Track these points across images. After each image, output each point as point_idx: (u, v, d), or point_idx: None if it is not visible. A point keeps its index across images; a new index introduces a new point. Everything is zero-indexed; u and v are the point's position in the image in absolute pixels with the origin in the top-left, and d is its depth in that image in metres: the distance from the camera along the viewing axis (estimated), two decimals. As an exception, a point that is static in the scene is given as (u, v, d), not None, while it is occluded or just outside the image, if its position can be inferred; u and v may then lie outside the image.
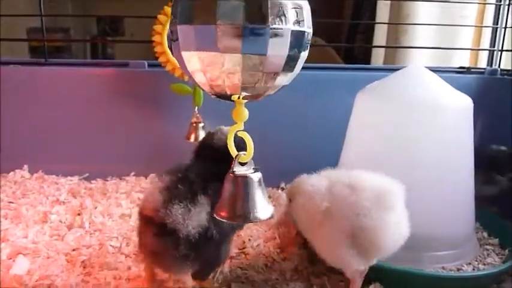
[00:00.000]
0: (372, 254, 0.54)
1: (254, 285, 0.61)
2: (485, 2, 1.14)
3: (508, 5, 0.97)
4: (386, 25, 1.44)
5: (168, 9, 0.84)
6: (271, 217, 0.41)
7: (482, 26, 1.15)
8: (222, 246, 0.55)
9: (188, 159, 0.61)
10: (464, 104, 0.66)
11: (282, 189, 0.99)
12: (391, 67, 1.01)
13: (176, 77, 0.88)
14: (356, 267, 0.55)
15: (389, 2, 1.41)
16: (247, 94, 0.39)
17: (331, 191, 0.55)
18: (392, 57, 1.35)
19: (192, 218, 0.49)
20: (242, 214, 0.40)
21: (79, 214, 0.79)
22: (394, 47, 1.34)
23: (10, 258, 0.63)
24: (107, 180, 0.97)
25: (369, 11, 1.76)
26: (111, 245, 0.68)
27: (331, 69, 1.07)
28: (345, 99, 0.78)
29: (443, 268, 0.65)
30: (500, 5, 1.00)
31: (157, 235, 0.49)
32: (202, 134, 0.89)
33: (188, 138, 0.90)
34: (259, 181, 0.41)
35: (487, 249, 0.72)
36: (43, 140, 0.97)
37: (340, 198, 0.54)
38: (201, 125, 0.89)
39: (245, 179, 0.41)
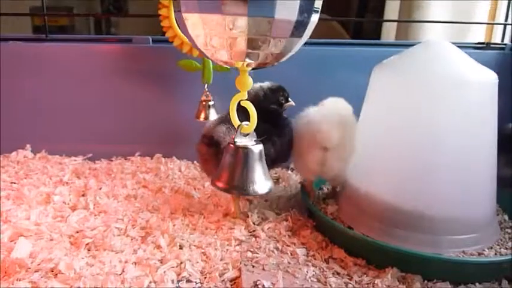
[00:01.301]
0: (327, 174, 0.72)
1: (265, 269, 0.58)
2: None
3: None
4: (398, 1, 1.38)
5: (173, -19, 0.79)
6: (270, 192, 0.40)
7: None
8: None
9: (197, 139, 0.72)
10: (489, 79, 0.62)
11: (292, 170, 0.96)
12: (404, 43, 0.97)
13: (184, 53, 0.84)
14: (312, 179, 0.74)
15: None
16: (252, 61, 0.36)
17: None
18: (405, 33, 1.29)
19: (230, 136, 0.62)
20: (240, 186, 0.38)
21: (83, 195, 0.77)
22: (405, 21, 1.29)
23: (12, 241, 0.61)
24: (112, 161, 0.95)
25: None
26: (116, 227, 0.66)
27: (342, 44, 1.02)
28: (357, 76, 0.75)
29: (463, 252, 0.61)
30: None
31: (208, 145, 0.69)
32: (212, 113, 0.86)
33: (198, 117, 0.87)
34: (260, 154, 0.39)
35: (508, 233, 0.68)
36: (46, 119, 0.95)
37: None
38: (211, 103, 0.86)
39: (246, 150, 0.39)
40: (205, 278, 0.57)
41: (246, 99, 0.62)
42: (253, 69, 0.37)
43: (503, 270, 0.59)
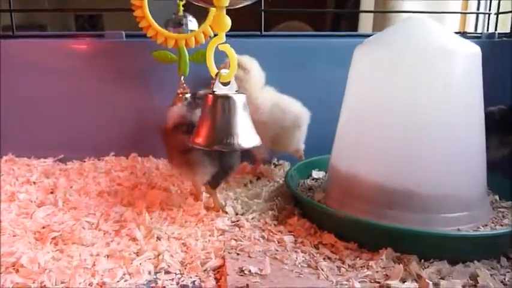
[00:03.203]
0: (281, 149, 0.82)
1: (251, 256, 0.54)
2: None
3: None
4: None
5: (145, -31, 0.77)
6: (258, 145, 0.36)
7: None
8: (234, 153, 0.64)
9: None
10: (473, 49, 0.61)
11: (275, 165, 0.92)
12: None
13: (158, 45, 0.81)
14: (265, 156, 0.84)
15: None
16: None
17: (270, 111, 0.77)
18: (382, 24, 1.30)
19: None
20: (222, 140, 0.34)
21: (52, 192, 0.71)
22: (380, 11, 1.30)
23: (-32, 238, 0.55)
24: (84, 162, 0.89)
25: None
26: (87, 221, 0.60)
27: (320, 36, 1.01)
28: (335, 66, 0.77)
29: (458, 230, 0.59)
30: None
31: (187, 132, 0.57)
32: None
33: (173, 108, 0.83)
34: (244, 104, 0.35)
35: (502, 212, 0.66)
36: (12, 119, 0.89)
37: (274, 116, 0.77)
38: (187, 95, 0.82)
39: (226, 99, 0.34)
40: (185, 268, 0.52)
41: None
42: (227, 8, 0.34)
43: (501, 246, 0.56)
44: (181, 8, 0.85)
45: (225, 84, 0.36)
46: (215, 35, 0.36)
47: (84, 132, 0.91)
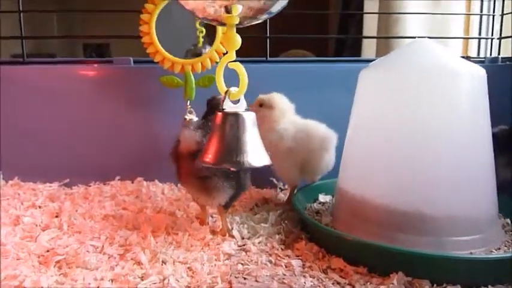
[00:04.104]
0: (311, 176, 0.81)
1: (258, 280, 0.53)
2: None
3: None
4: (375, 20, 1.42)
5: (155, -3, 0.79)
6: (266, 165, 0.35)
7: (478, 14, 1.13)
8: (248, 173, 0.65)
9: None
10: (478, 72, 0.61)
11: (281, 189, 0.91)
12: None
13: (165, 71, 0.82)
14: (297, 183, 0.81)
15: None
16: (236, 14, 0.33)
17: (295, 136, 0.76)
18: (385, 49, 1.32)
19: None
20: (232, 158, 0.33)
21: (57, 216, 0.71)
22: (383, 37, 1.32)
23: (-28, 261, 0.54)
24: (90, 186, 0.89)
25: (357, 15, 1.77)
26: (91, 245, 0.59)
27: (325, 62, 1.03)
28: (339, 91, 0.80)
29: (471, 254, 0.57)
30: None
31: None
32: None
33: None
34: (253, 122, 0.35)
35: (514, 235, 0.65)
36: (19, 144, 0.89)
37: (300, 141, 0.76)
38: (195, 119, 0.83)
39: (236, 116, 0.34)
40: (191, 292, 0.51)
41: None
42: (237, 25, 0.35)
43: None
44: (201, 40, 0.87)
45: (235, 102, 0.36)
46: (225, 54, 0.36)
47: (90, 157, 0.91)
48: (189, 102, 0.84)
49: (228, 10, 0.33)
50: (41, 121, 0.90)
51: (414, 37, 1.15)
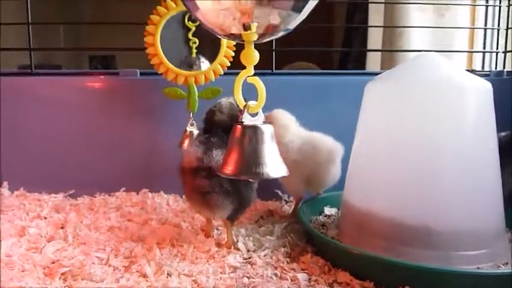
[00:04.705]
0: (317, 189, 0.81)
1: (264, 294, 0.52)
2: (484, 4, 1.13)
3: (508, 6, 0.96)
4: (380, 33, 1.43)
5: (161, 9, 0.80)
6: (285, 175, 0.36)
7: (483, 28, 1.14)
8: (251, 188, 0.66)
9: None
10: (485, 86, 0.61)
11: (286, 201, 0.91)
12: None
13: (169, 82, 0.83)
14: (302, 195, 0.81)
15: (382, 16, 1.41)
16: (255, 32, 0.34)
17: (300, 149, 0.76)
18: (390, 62, 1.33)
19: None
20: (251, 169, 0.34)
21: (62, 227, 0.71)
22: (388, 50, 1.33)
23: (-22, 272, 0.54)
24: (95, 197, 0.89)
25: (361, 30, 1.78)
26: (97, 257, 0.59)
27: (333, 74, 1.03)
28: (345, 103, 0.82)
29: (478, 269, 0.57)
30: (500, 6, 0.98)
31: (206, 177, 0.62)
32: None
33: (181, 145, 0.83)
34: (271, 134, 0.36)
35: (521, 249, 0.64)
36: (26, 155, 0.90)
37: (306, 154, 0.76)
38: (196, 131, 0.83)
39: (255, 129, 0.35)
40: (196, 306, 0.50)
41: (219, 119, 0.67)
42: (255, 41, 0.36)
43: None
44: (194, 50, 0.87)
45: (253, 115, 0.38)
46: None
47: (95, 168, 0.91)
48: (191, 114, 0.84)
49: (246, 27, 0.34)
50: (47, 132, 0.90)
51: (419, 50, 1.18)
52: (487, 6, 1.11)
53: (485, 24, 1.19)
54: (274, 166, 0.35)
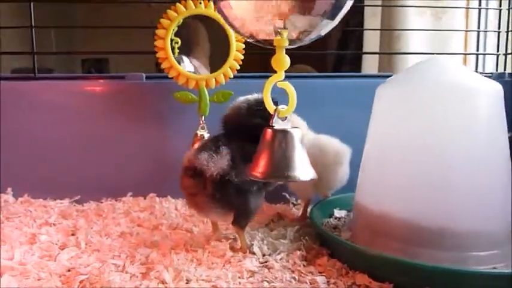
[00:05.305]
0: (324, 191, 0.81)
1: (286, 298, 0.52)
2: (485, 7, 1.15)
3: (508, 9, 0.97)
4: (378, 35, 1.45)
5: (171, 13, 0.80)
6: (313, 179, 0.37)
7: (484, 31, 1.16)
8: (249, 195, 0.63)
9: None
10: (495, 88, 0.62)
11: (293, 204, 0.91)
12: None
13: (176, 86, 0.82)
14: (310, 197, 0.81)
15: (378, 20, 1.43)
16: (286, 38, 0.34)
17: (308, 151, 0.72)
18: (388, 65, 1.35)
19: (214, 163, 0.60)
20: (280, 172, 0.34)
21: (73, 234, 0.70)
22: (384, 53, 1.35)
23: (-7, 280, 0.53)
24: (101, 203, 0.88)
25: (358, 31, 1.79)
26: (113, 263, 0.59)
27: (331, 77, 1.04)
28: (346, 105, 0.85)
29: (494, 269, 0.57)
30: (500, 9, 1.00)
31: (192, 177, 0.62)
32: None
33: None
34: (300, 139, 0.36)
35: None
36: (30, 160, 0.88)
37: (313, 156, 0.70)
38: (206, 135, 0.83)
39: (285, 133, 0.36)
40: (219, 311, 0.50)
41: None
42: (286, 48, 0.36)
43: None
44: (177, 50, 0.85)
45: (283, 119, 0.38)
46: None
47: (101, 173, 0.90)
48: (203, 117, 0.84)
49: (277, 33, 0.34)
50: (52, 137, 0.89)
51: (416, 53, 1.19)
52: (487, 9, 1.12)
53: (478, 27, 1.21)
54: (303, 169, 0.36)
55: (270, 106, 0.37)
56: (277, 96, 0.42)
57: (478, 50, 1.20)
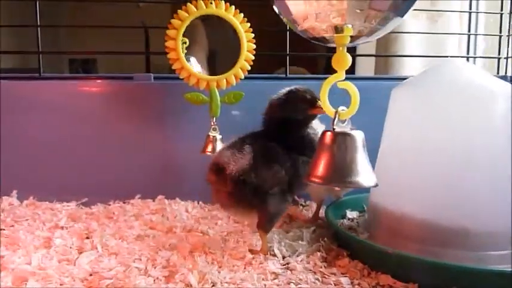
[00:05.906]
0: (337, 192, 0.80)
1: (314, 299, 0.52)
2: (485, 12, 1.17)
3: (510, 13, 1.00)
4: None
5: (182, 14, 0.79)
6: (375, 186, 0.36)
7: (484, 35, 1.18)
8: (268, 197, 0.62)
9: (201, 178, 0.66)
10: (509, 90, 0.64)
11: (302, 205, 0.91)
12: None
13: (185, 87, 0.81)
14: (323, 198, 0.82)
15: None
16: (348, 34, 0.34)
17: None
18: (384, 67, 1.36)
19: (235, 161, 0.61)
20: (341, 178, 0.33)
21: (87, 237, 0.68)
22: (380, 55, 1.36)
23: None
24: (109, 205, 0.86)
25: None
26: (136, 267, 0.57)
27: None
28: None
29: (516, 268, 0.58)
30: (502, 13, 1.02)
31: (215, 172, 0.62)
32: (219, 146, 0.81)
33: (204, 150, 0.82)
34: (363, 141, 0.35)
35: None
36: (34, 162, 0.86)
37: None
38: (219, 136, 0.82)
39: (346, 136, 0.35)
40: (250, 314, 0.50)
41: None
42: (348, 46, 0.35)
43: None
44: (184, 51, 0.84)
45: (343, 121, 0.37)
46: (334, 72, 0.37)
47: (108, 175, 0.88)
48: (214, 119, 0.83)
49: (338, 30, 0.34)
50: (58, 139, 0.87)
51: (413, 56, 1.20)
52: (486, 13, 1.15)
53: (469, 30, 1.24)
54: (365, 175, 0.35)
55: (327, 107, 0.36)
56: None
57: (468, 53, 1.22)
